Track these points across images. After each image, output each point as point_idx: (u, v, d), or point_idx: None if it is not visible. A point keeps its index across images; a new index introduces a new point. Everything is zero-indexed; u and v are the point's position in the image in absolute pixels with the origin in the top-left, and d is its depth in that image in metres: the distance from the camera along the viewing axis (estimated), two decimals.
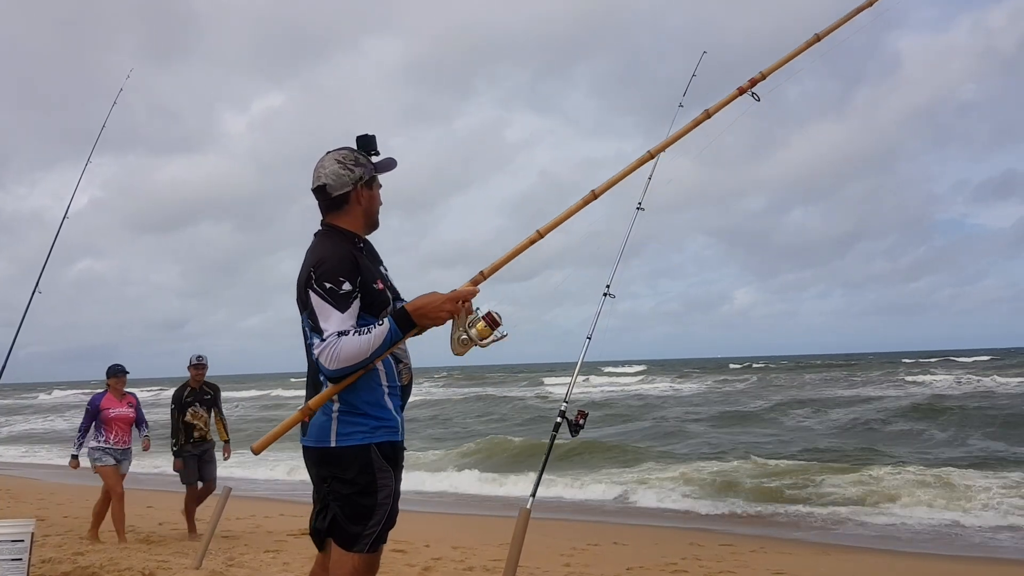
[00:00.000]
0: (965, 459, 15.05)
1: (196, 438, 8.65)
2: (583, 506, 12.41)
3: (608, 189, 3.39)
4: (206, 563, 6.78)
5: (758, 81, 3.66)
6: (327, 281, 2.82)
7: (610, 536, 9.41)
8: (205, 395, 8.82)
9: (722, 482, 13.13)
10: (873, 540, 9.54)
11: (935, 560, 8.45)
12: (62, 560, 6.72)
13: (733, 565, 7.77)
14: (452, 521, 10.75)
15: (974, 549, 8.95)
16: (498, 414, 28.81)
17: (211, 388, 8.92)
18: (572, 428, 4.87)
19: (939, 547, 9.11)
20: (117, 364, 8.41)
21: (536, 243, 3.21)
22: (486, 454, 18.02)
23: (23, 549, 5.16)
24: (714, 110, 3.66)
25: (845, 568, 7.97)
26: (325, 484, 2.98)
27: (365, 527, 2.90)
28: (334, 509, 2.93)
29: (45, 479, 16.47)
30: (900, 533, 9.91)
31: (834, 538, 9.64)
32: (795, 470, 13.84)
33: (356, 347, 2.75)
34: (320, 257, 2.89)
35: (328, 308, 2.80)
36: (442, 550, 8.03)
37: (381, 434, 2.93)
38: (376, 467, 2.91)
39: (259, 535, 8.69)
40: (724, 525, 10.59)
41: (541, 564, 7.41)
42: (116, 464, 8.17)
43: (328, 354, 2.75)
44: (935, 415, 22.76)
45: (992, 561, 8.39)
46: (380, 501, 2.91)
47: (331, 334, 2.76)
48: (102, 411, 8.19)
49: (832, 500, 11.72)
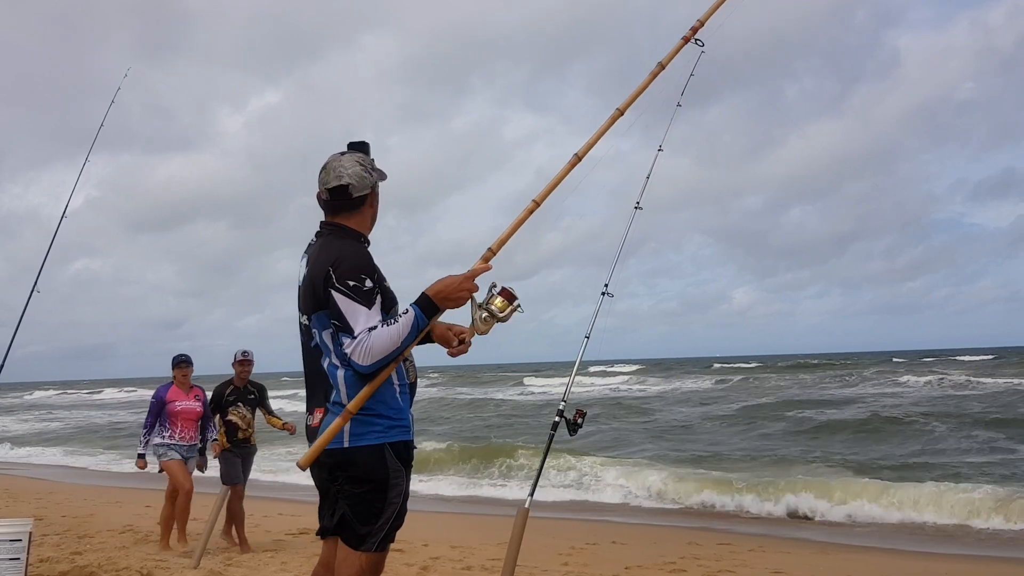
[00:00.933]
0: (966, 459, 15.07)
1: (240, 439, 7.82)
2: (582, 505, 12.42)
3: (591, 148, 3.46)
4: (204, 562, 6.78)
5: (698, 28, 3.84)
6: (350, 279, 2.83)
7: (609, 535, 9.41)
8: (249, 394, 8.03)
9: (717, 482, 13.13)
10: (872, 539, 9.55)
11: (935, 559, 8.47)
12: (60, 559, 6.73)
13: (732, 564, 7.77)
14: (450, 520, 10.76)
15: (977, 547, 8.97)
16: (478, 416, 28.79)
17: (256, 387, 8.13)
18: (570, 427, 4.89)
19: (940, 546, 9.12)
20: (182, 354, 7.98)
21: (533, 215, 3.22)
22: (475, 454, 18.00)
23: (21, 548, 5.16)
24: (667, 60, 3.77)
25: (844, 567, 7.98)
26: (335, 484, 2.95)
27: (374, 526, 2.90)
28: (343, 508, 2.92)
29: (43, 479, 16.46)
30: (899, 533, 9.93)
31: (833, 537, 9.65)
32: (788, 471, 13.85)
33: (387, 339, 2.76)
34: (338, 256, 2.89)
35: (355, 306, 2.80)
36: (440, 549, 8.03)
37: (395, 433, 2.93)
38: (390, 467, 2.90)
39: (258, 534, 8.68)
40: (723, 524, 10.60)
41: (540, 563, 7.41)
42: (183, 460, 7.68)
43: (361, 351, 2.76)
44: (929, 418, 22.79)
45: (990, 560, 8.41)
46: (391, 500, 2.91)
47: (362, 331, 2.77)
48: (167, 404, 7.71)
49: (829, 501, 11.72)
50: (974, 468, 13.64)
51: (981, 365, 52.15)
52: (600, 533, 9.62)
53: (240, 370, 8.02)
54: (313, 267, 2.95)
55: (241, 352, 8.06)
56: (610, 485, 13.51)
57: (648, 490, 12.96)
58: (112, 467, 18.48)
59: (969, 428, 18.96)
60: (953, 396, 29.28)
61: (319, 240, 3.06)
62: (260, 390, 8.19)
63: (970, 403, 25.70)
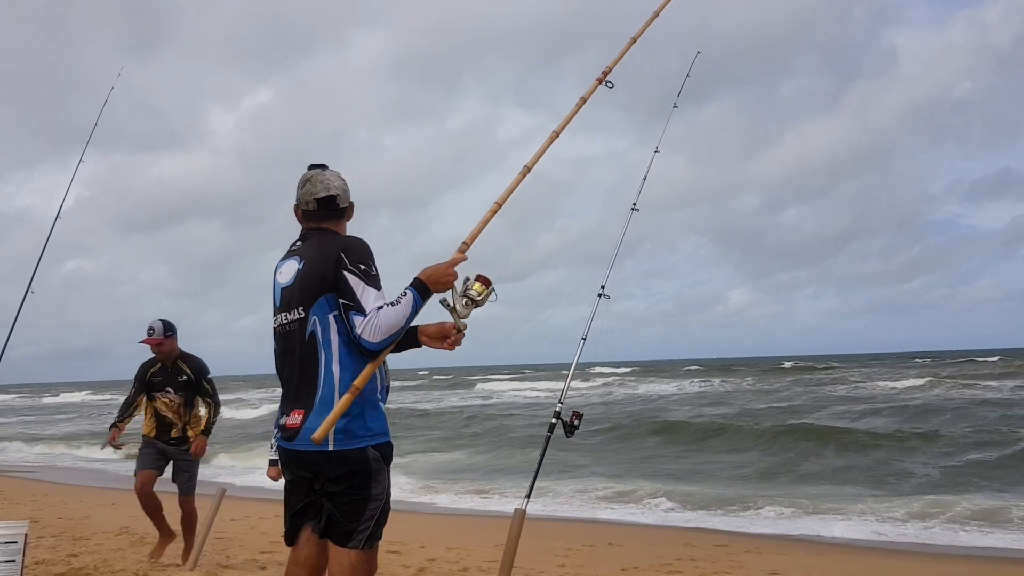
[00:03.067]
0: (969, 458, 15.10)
1: (173, 438, 6.62)
2: (578, 507, 12.41)
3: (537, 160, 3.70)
4: (200, 564, 6.76)
5: (608, 72, 4.27)
6: (361, 263, 3.02)
7: (605, 537, 9.42)
8: (180, 375, 6.60)
9: (714, 483, 13.15)
10: (868, 540, 9.56)
11: (931, 559, 8.48)
12: (56, 562, 6.71)
13: (728, 566, 7.78)
14: (447, 522, 10.74)
15: (967, 548, 8.98)
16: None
17: (191, 367, 6.66)
18: (567, 429, 4.90)
19: (933, 547, 9.13)
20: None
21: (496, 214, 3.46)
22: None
23: (17, 551, 5.15)
24: (567, 119, 4.00)
25: (840, 568, 7.99)
26: (319, 485, 3.03)
27: (360, 523, 2.99)
28: (328, 508, 3.01)
29: (38, 480, 16.42)
30: (897, 534, 9.94)
31: (829, 538, 9.66)
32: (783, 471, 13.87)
33: (394, 317, 2.93)
34: (347, 243, 3.09)
35: (365, 287, 2.97)
36: (437, 551, 8.03)
37: (379, 437, 3.05)
38: (373, 466, 3.01)
39: (253, 536, 8.67)
40: (719, 525, 10.61)
41: (536, 565, 7.41)
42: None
43: (371, 328, 2.91)
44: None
45: (991, 559, 8.42)
46: (374, 496, 3.02)
47: (372, 310, 2.93)
48: None
49: (827, 501, 11.75)
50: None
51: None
52: (597, 534, 9.63)
53: (153, 346, 6.55)
54: (318, 255, 3.08)
55: (149, 327, 6.53)
56: (608, 486, 13.56)
57: (645, 489, 13.00)
58: (108, 468, 18.44)
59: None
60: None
61: (312, 238, 3.20)
62: (197, 371, 6.69)
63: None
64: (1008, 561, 8.48)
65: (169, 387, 6.67)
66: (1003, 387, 33.29)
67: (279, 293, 3.19)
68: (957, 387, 34.19)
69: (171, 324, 6.68)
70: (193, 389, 6.73)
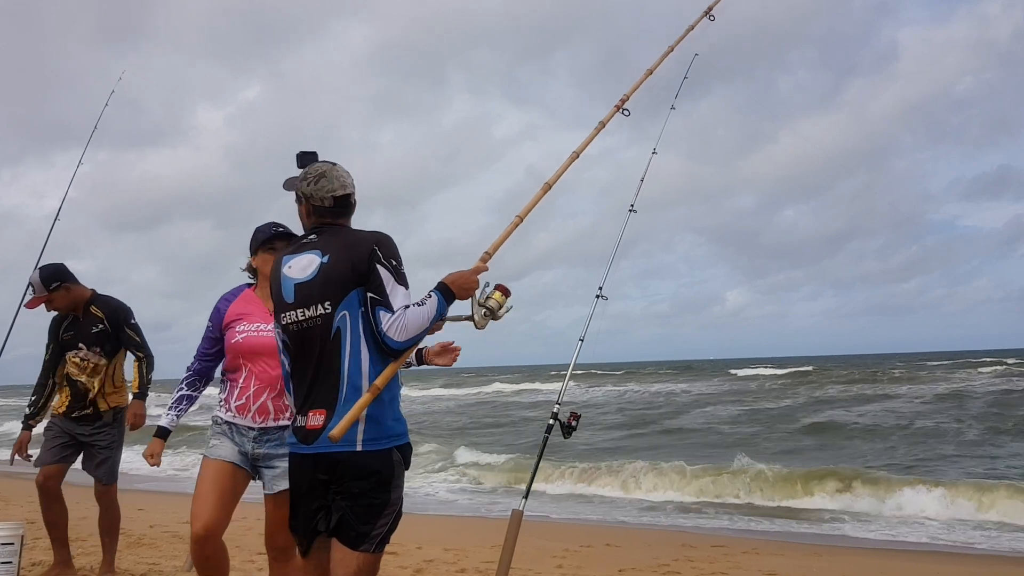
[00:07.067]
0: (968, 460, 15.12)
1: (81, 408, 5.28)
2: (576, 507, 12.41)
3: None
4: None
5: (626, 99, 4.48)
6: (393, 258, 2.97)
7: (603, 538, 9.41)
8: (93, 326, 5.27)
9: (713, 483, 13.15)
10: (865, 541, 9.56)
11: (929, 560, 8.48)
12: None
13: (725, 566, 7.78)
14: (444, 523, 10.74)
15: (967, 548, 8.98)
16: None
17: (106, 313, 5.30)
18: (564, 430, 4.90)
19: (931, 547, 9.14)
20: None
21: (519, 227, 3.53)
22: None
23: (13, 552, 5.14)
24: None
25: (837, 569, 7.99)
26: (336, 484, 2.93)
27: (374, 526, 2.91)
28: (341, 508, 2.91)
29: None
30: (894, 535, 9.94)
31: (826, 540, 9.66)
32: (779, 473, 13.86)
33: (420, 318, 2.89)
34: (378, 237, 3.02)
35: (395, 284, 2.93)
36: (434, 552, 8.02)
37: (402, 437, 3.01)
38: (396, 469, 2.95)
39: (251, 538, 8.64)
40: (717, 526, 10.61)
41: (533, 566, 7.41)
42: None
43: (398, 326, 2.85)
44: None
45: (991, 560, 8.43)
46: (392, 500, 2.95)
47: (399, 308, 2.88)
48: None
49: (825, 502, 11.76)
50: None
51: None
52: (594, 535, 9.62)
53: (51, 310, 5.28)
54: (345, 248, 2.98)
55: (28, 283, 5.32)
56: (605, 487, 13.54)
57: (644, 491, 12.99)
58: None
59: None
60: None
61: (328, 232, 3.09)
62: (113, 314, 5.29)
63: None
64: (1009, 561, 8.49)
65: (82, 342, 5.27)
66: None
67: (292, 289, 3.02)
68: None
69: (57, 270, 5.27)
70: (112, 341, 5.31)
